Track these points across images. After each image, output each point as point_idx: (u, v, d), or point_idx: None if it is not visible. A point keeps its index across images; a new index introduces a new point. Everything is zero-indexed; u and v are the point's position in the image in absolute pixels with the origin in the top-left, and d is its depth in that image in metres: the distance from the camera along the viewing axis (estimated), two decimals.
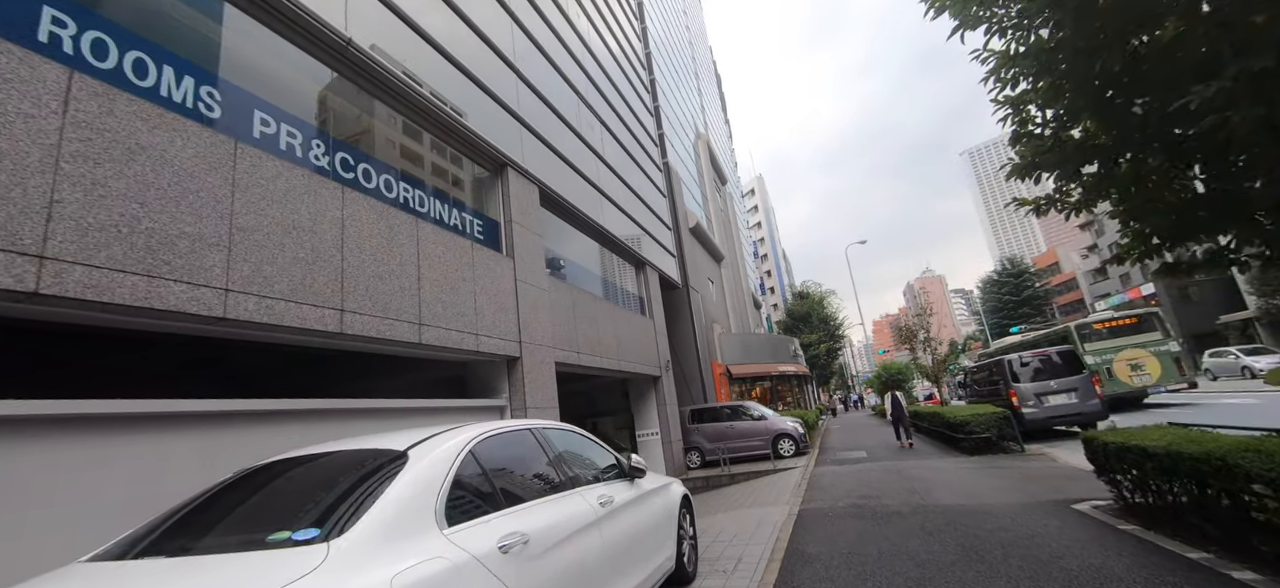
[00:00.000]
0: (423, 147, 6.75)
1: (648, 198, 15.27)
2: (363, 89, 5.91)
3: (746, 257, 36.88)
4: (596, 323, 10.05)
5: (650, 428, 13.04)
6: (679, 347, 17.64)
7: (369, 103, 6.05)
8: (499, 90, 8.14)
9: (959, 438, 10.88)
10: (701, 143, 27.46)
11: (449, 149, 7.25)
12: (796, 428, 13.89)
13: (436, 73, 6.84)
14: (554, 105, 10.07)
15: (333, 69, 5.53)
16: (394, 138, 6.18)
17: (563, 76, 10.95)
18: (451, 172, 7.25)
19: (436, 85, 6.74)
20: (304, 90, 5.27)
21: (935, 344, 15.60)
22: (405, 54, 6.26)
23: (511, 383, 7.25)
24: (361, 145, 5.65)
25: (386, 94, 6.13)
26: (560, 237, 10.40)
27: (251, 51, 4.74)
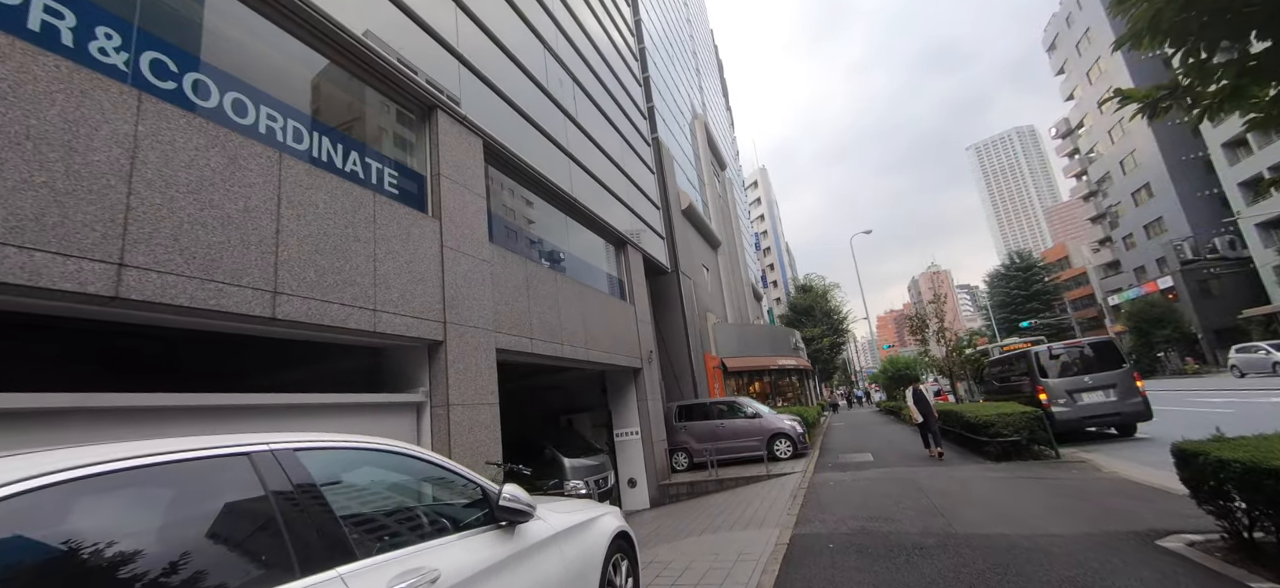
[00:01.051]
0: (308, 67, 5.26)
1: (632, 171, 13.77)
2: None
3: (746, 246, 35.34)
4: (559, 305, 8.59)
5: (629, 427, 11.59)
6: (667, 337, 16.17)
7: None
8: (426, 13, 6.65)
9: (982, 441, 9.39)
10: (698, 124, 25.90)
11: (353, 78, 5.77)
12: (794, 427, 12.43)
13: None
14: (508, 47, 8.57)
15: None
16: (249, 43, 4.68)
17: (524, 19, 9.44)
18: (354, 104, 5.77)
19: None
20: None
21: (950, 335, 14.07)
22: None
23: (433, 373, 5.80)
24: (185, 44, 4.15)
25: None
26: (517, 206, 8.93)
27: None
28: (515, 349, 7.16)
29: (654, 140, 17.61)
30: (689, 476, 11.80)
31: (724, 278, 23.68)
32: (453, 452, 5.56)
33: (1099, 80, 46.09)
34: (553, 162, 9.54)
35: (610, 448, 11.74)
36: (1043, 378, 10.88)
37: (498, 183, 8.39)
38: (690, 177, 22.20)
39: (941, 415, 13.13)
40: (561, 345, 8.41)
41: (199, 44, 4.25)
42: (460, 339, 6.04)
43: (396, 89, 6.17)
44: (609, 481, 10.30)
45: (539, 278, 8.16)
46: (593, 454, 10.35)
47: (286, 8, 4.89)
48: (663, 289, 16.47)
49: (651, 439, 11.37)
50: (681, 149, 21.94)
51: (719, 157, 29.90)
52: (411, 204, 5.94)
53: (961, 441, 10.87)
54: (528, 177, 8.76)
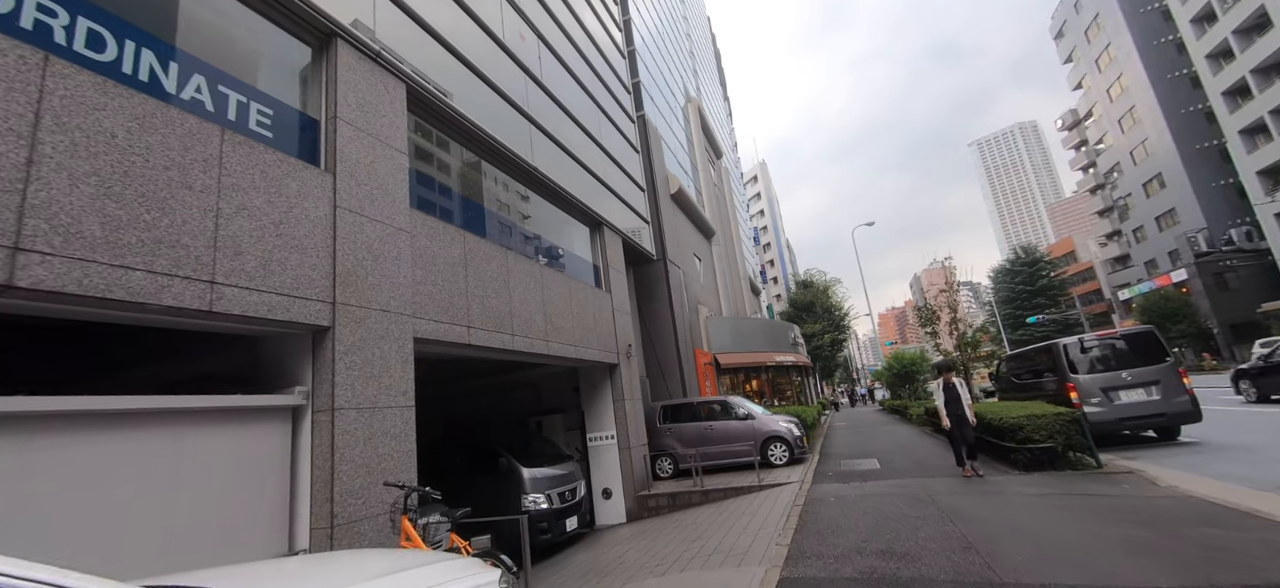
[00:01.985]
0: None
1: (611, 147, 12.44)
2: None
3: (744, 237, 33.97)
4: (510, 289, 7.27)
5: (604, 430, 10.27)
6: (653, 330, 14.86)
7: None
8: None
9: (1008, 447, 8.05)
10: (692, 108, 24.55)
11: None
12: (791, 429, 11.11)
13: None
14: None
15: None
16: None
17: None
18: (206, 15, 4.44)
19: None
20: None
21: (965, 326, 12.69)
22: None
23: (317, 367, 4.49)
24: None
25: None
26: (464, 172, 7.61)
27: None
28: (445, 339, 5.85)
29: (639, 118, 16.28)
30: (672, 485, 10.49)
31: (719, 270, 22.36)
32: (338, 470, 4.26)
33: (1109, 68, 44.67)
34: (509, 125, 8.22)
35: (583, 453, 10.44)
36: (1073, 374, 9.55)
37: (435, 142, 7.07)
38: (681, 161, 20.87)
39: None
40: (512, 336, 7.09)
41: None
42: (358, 325, 4.73)
43: (276, 6, 4.84)
44: (578, 492, 8.99)
45: (483, 256, 6.84)
46: (560, 462, 9.03)
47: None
48: (648, 278, 15.16)
49: (629, 444, 10.05)
50: (673, 133, 20.61)
51: (715, 144, 28.54)
52: (290, 151, 4.62)
53: (983, 447, 9.53)
54: (475, 138, 7.43)
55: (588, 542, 8.89)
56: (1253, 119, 32.42)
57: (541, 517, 8.08)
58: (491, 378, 11.65)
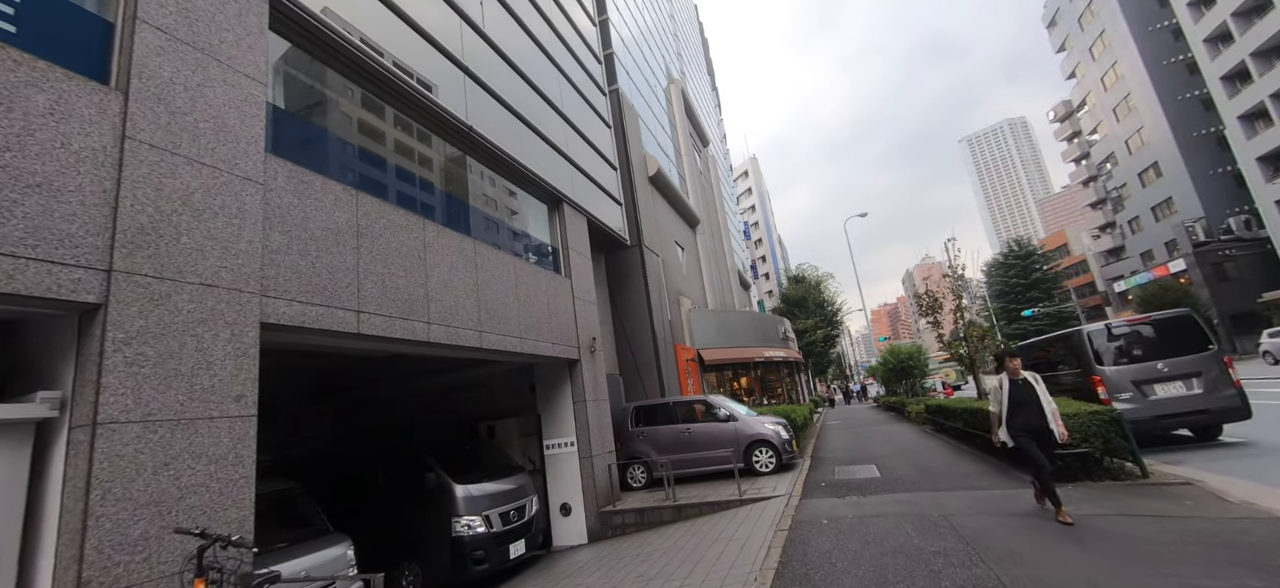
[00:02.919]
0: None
1: (577, 118, 11.07)
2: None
3: (732, 230, 32.66)
4: (427, 268, 5.90)
5: (562, 437, 8.91)
6: (629, 323, 13.51)
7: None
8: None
9: None
10: (675, 89, 23.20)
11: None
12: (778, 432, 9.80)
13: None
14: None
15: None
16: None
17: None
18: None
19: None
20: None
21: (970, 314, 11.39)
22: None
23: (81, 359, 3.11)
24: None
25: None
26: (371, 123, 6.21)
27: None
28: (318, 326, 4.46)
29: (613, 92, 14.90)
30: (642, 497, 9.14)
31: (704, 261, 21.05)
32: (94, 512, 2.88)
33: (1103, 55, 43.84)
34: (438, 74, 6.84)
35: (540, 463, 9.08)
36: (1099, 366, 8.30)
37: (334, 86, 5.67)
38: (663, 144, 19.52)
39: (959, 414, 10.56)
40: (428, 325, 5.71)
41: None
42: (155, 304, 3.34)
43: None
44: (528, 510, 7.63)
45: (387, 225, 5.45)
46: (506, 475, 7.66)
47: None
48: (622, 266, 13.79)
49: (591, 452, 8.70)
50: (653, 113, 19.26)
51: (700, 130, 27.21)
52: (44, 52, 3.21)
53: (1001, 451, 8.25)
54: (385, 84, 6.04)
55: (539, 568, 7.54)
56: (1252, 104, 31.58)
57: (477, 543, 6.72)
58: (437, 378, 10.26)
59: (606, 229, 11.59)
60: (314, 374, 11.12)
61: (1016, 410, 5.47)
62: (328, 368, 11.12)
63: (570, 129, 10.62)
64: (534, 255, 8.85)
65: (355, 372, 11.07)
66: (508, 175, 8.54)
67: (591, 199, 11.05)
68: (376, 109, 6.23)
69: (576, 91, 11.46)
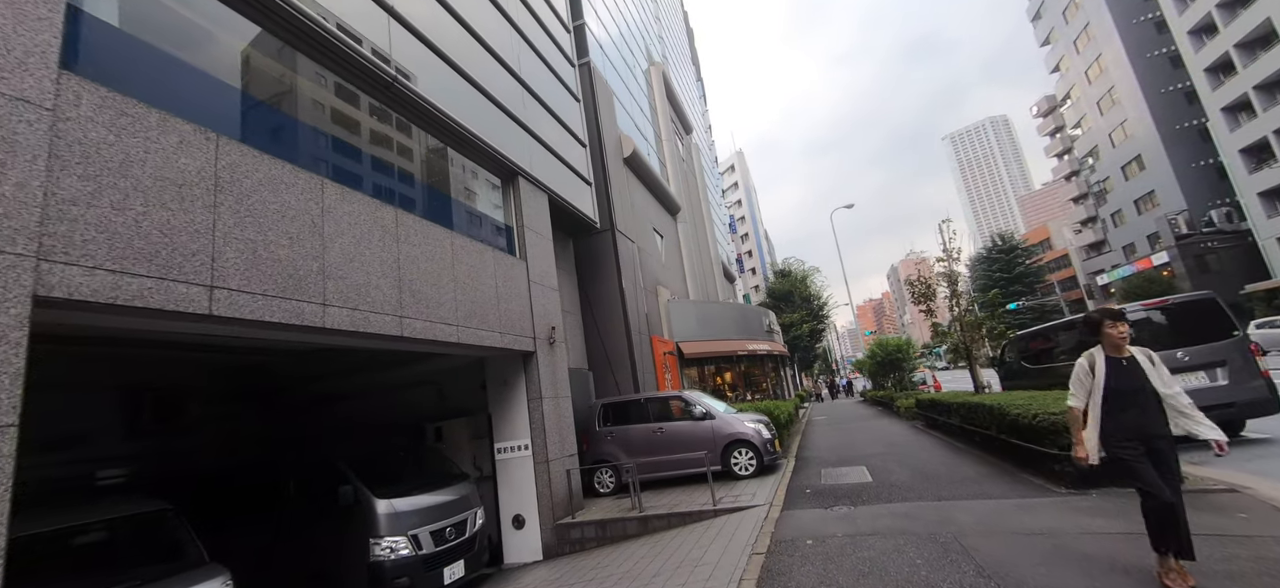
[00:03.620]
0: None
1: (537, 84, 9.98)
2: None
3: (716, 220, 31.74)
4: (325, 237, 4.80)
5: (515, 440, 7.86)
6: (600, 314, 12.48)
7: None
8: None
9: (1047, 454, 5.87)
10: (655, 72, 22.15)
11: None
12: (759, 431, 8.85)
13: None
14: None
15: None
16: None
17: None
18: None
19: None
20: None
21: (965, 299, 10.52)
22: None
23: None
24: None
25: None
26: (249, 61, 5.08)
27: None
28: (145, 304, 3.35)
29: (583, 65, 13.81)
30: (608, 506, 8.13)
31: (686, 250, 20.08)
32: None
33: (1087, 48, 43.72)
34: (352, 7, 5.73)
35: (491, 468, 8.03)
36: None
37: (204, 14, 4.54)
38: (641, 127, 18.48)
39: (955, 409, 9.70)
40: (323, 306, 4.62)
41: None
42: None
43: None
44: (471, 525, 6.59)
45: (262, 180, 4.34)
46: (444, 485, 6.60)
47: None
48: (593, 252, 12.76)
49: (547, 456, 7.66)
50: (631, 94, 18.20)
51: (683, 117, 26.19)
52: None
53: (1003, 450, 7.38)
54: (266, 7, 4.91)
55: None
56: (1236, 96, 31.48)
57: (401, 569, 5.65)
58: (383, 374, 9.14)
59: (573, 210, 10.52)
60: (241, 371, 9.92)
61: (1119, 406, 3.40)
62: (260, 364, 9.93)
63: (528, 95, 9.53)
64: (481, 233, 7.75)
65: (291, 368, 9.90)
66: (449, 140, 7.43)
67: (554, 175, 9.98)
68: (266, 43, 5.09)
69: (538, 57, 10.35)
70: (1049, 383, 9.03)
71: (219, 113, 4.48)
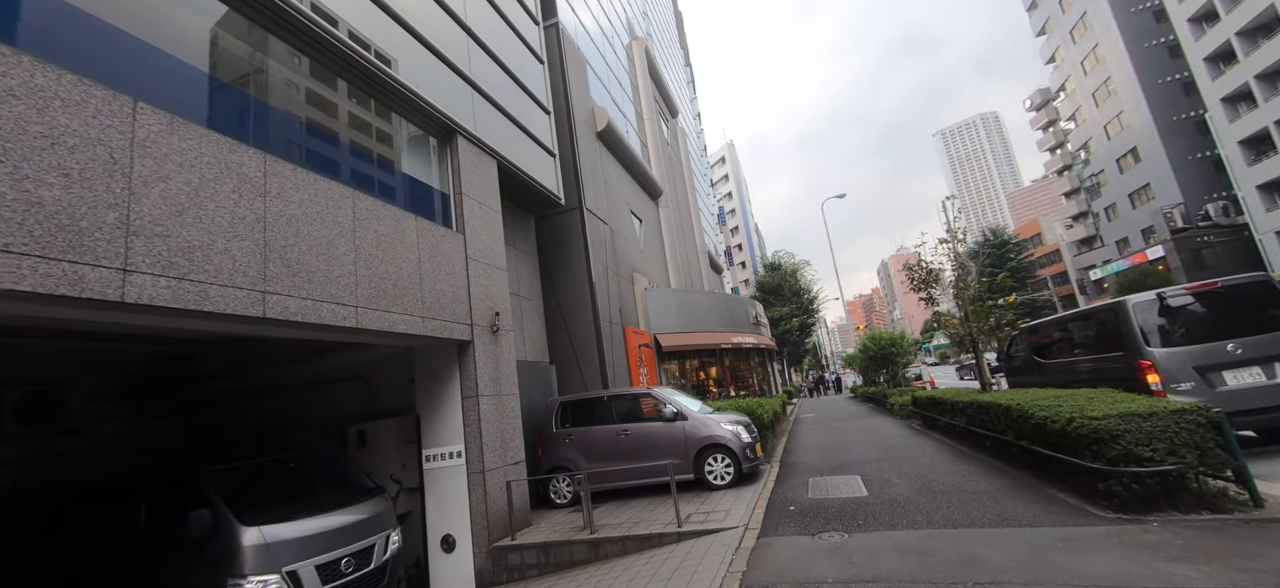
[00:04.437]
0: None
1: (487, 35, 8.67)
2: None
3: (703, 208, 30.53)
4: (129, 180, 3.51)
5: (447, 446, 6.61)
6: (565, 300, 11.24)
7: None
8: None
9: (1096, 470, 4.70)
10: (638, 47, 20.81)
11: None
12: (738, 434, 7.67)
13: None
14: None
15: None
16: None
17: None
18: None
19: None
20: None
21: (974, 283, 9.27)
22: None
23: None
24: None
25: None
26: None
27: None
28: None
29: (551, 26, 12.48)
30: (558, 523, 6.92)
31: (668, 237, 18.85)
32: None
33: (1084, 38, 42.89)
34: None
35: (418, 477, 6.77)
36: (1148, 347, 6.36)
37: None
38: (620, 103, 17.17)
39: (961, 408, 8.58)
40: (123, 273, 3.33)
41: None
42: None
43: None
44: (381, 553, 5.35)
45: (15, 88, 3.04)
46: (347, 504, 5.34)
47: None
48: (557, 232, 11.50)
49: (483, 466, 6.42)
50: (609, 69, 16.89)
51: (668, 99, 24.89)
52: None
53: (1021, 459, 6.24)
54: None
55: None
56: (1236, 86, 30.73)
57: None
58: (295, 368, 7.83)
59: (531, 181, 9.24)
60: (148, 363, 8.58)
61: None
62: (165, 355, 8.58)
63: (474, 45, 8.21)
64: (401, 197, 6.44)
65: (211, 360, 8.55)
66: (361, 82, 6.12)
67: (507, 140, 8.69)
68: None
69: (489, 3, 9.02)
70: (1065, 380, 7.93)
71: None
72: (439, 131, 7.25)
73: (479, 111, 7.98)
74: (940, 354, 68.39)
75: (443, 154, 7.33)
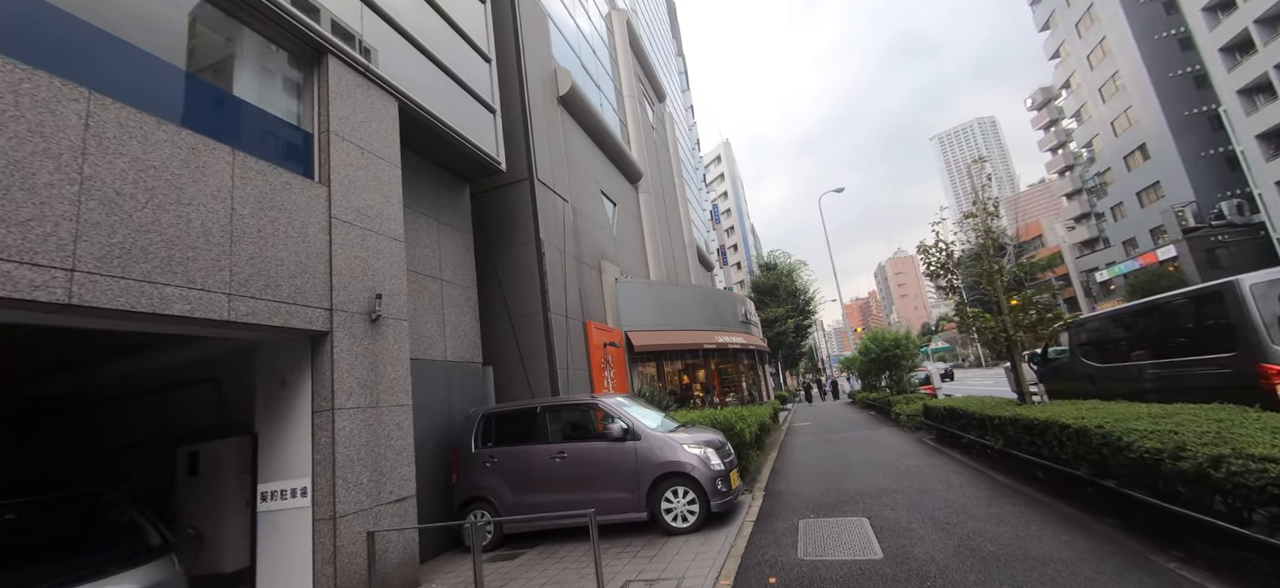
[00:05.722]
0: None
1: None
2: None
3: (692, 199, 28.65)
4: None
5: (290, 480, 4.69)
6: (511, 289, 9.34)
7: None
8: None
9: (1258, 540, 2.83)
10: (619, 19, 18.93)
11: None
12: (706, 459, 5.79)
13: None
14: None
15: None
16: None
17: None
18: None
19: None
20: None
21: (1009, 268, 7.45)
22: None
23: None
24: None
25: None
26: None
27: None
28: None
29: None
30: (461, 583, 5.01)
31: (650, 227, 16.96)
32: None
33: (1090, 30, 41.35)
34: None
35: (251, 519, 4.84)
36: (1276, 346, 4.51)
37: None
38: (594, 74, 15.29)
39: (1012, 431, 6.70)
40: None
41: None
42: None
43: None
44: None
45: None
46: (98, 574, 3.41)
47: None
48: (503, 208, 9.62)
49: (334, 511, 4.50)
50: (582, 35, 15.03)
51: (654, 81, 23.04)
52: None
53: (1104, 502, 4.35)
54: None
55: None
56: (1254, 77, 29.15)
57: None
58: (131, 361, 5.91)
59: (456, 138, 7.34)
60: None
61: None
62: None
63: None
64: (203, 112, 4.47)
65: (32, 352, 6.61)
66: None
67: (420, 79, 6.81)
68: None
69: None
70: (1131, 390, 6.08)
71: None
72: (298, 47, 5.34)
73: (372, 32, 6.09)
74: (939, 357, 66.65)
75: (306, 81, 5.42)
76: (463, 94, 7.85)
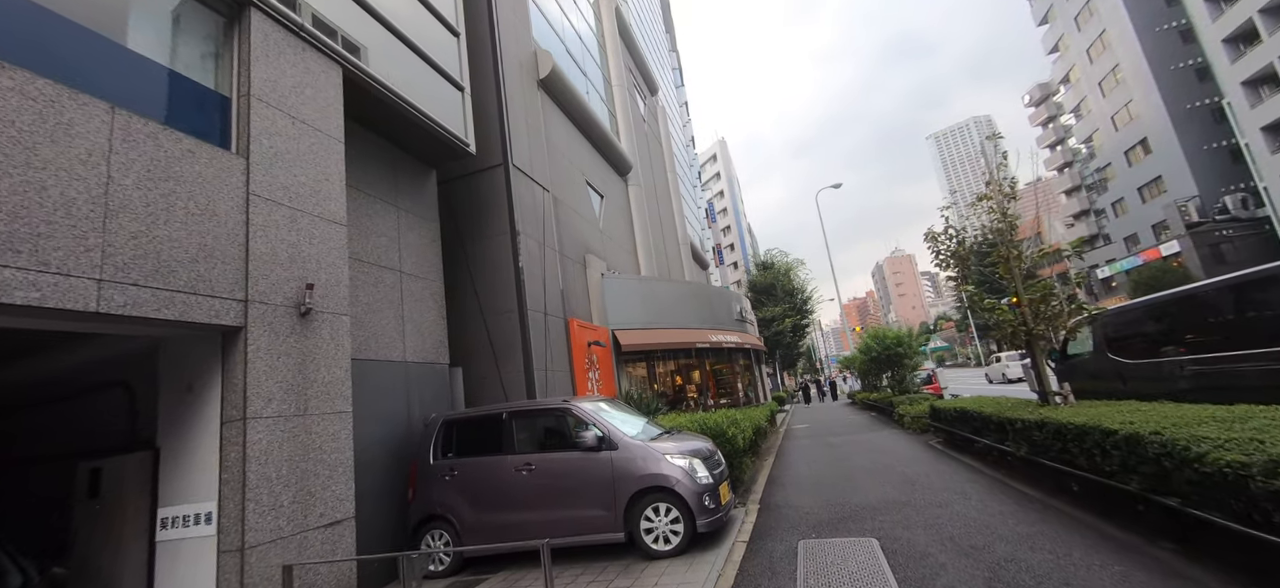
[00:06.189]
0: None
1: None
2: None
3: (686, 193, 27.92)
4: None
5: (194, 504, 3.95)
6: (484, 284, 8.60)
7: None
8: None
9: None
10: (606, 6, 18.25)
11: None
12: (692, 471, 5.07)
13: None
14: None
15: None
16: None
17: None
18: None
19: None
20: None
21: (1029, 255, 6.71)
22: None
23: None
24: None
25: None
26: None
27: None
28: None
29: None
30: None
31: (640, 222, 16.24)
32: None
33: (1089, 24, 40.82)
34: None
35: (149, 551, 4.10)
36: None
37: None
38: (579, 60, 14.57)
39: (1041, 436, 5.98)
40: None
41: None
42: None
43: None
44: None
45: None
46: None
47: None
48: (476, 196, 8.89)
49: (242, 542, 3.75)
50: (566, 18, 14.30)
51: (645, 72, 22.32)
52: None
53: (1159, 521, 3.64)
54: None
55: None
56: (1259, 68, 28.60)
57: None
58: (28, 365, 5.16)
59: (415, 114, 6.61)
60: None
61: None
62: None
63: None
64: (82, 65, 3.73)
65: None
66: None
67: (371, 46, 6.08)
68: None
69: None
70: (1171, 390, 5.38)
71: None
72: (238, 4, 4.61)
73: (346, 10, 5.36)
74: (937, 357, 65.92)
75: (226, 34, 4.68)
76: (425, 67, 7.13)
